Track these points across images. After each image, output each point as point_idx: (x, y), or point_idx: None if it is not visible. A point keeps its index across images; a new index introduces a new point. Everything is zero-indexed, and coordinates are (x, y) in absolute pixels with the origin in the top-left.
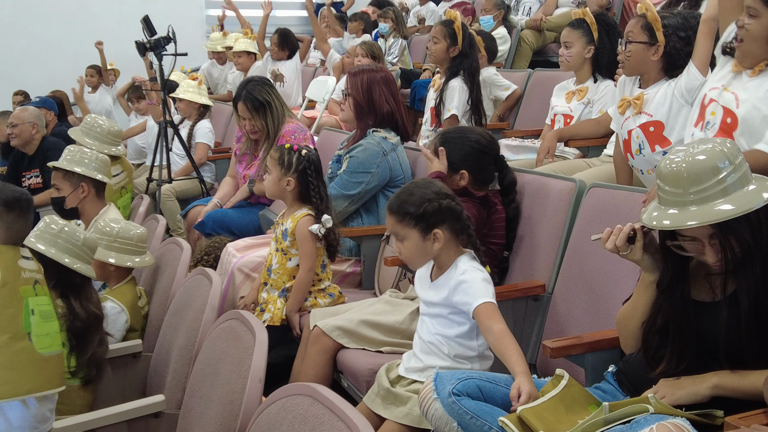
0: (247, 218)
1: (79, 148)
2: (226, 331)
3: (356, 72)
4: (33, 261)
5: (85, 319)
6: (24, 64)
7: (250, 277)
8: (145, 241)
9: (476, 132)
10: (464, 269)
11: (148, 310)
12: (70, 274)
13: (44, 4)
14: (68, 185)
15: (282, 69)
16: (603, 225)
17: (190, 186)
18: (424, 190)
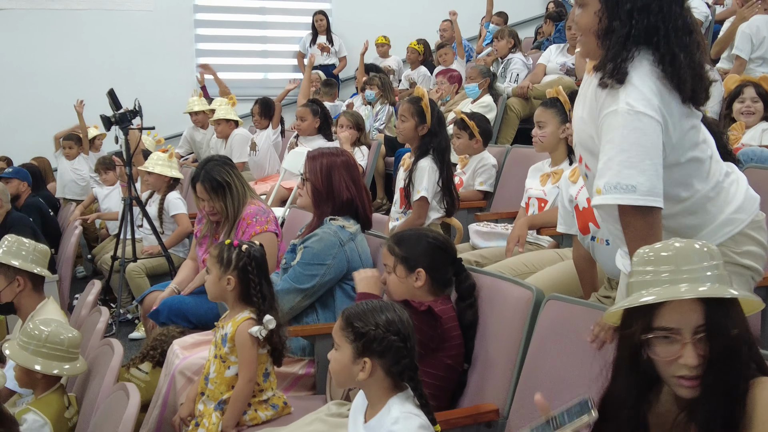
0: (205, 306)
1: (17, 239)
2: None
3: (315, 155)
4: None
5: None
6: (9, 128)
7: (192, 381)
8: (78, 346)
9: (433, 231)
10: (396, 417)
11: (76, 421)
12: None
13: (31, 67)
14: (3, 279)
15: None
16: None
17: (161, 262)
18: (385, 314)
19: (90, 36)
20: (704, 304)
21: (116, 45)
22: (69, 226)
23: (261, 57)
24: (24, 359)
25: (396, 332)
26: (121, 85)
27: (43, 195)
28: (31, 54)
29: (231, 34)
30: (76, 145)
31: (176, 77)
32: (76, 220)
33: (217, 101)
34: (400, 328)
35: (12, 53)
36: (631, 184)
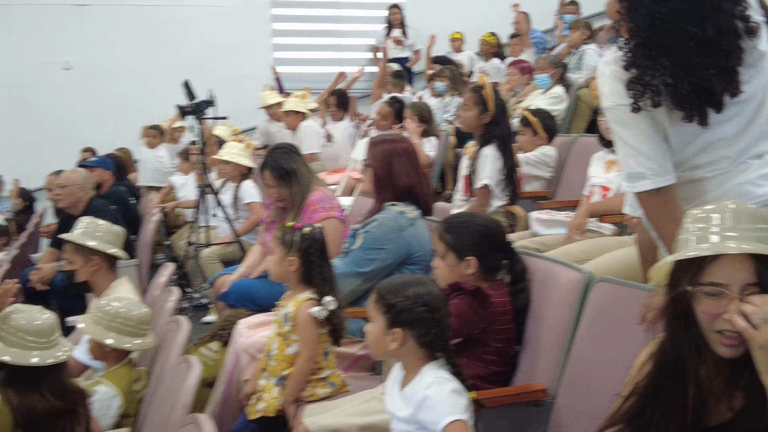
0: (272, 289)
1: (93, 220)
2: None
3: (377, 142)
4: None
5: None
6: (93, 121)
7: (255, 358)
8: (148, 323)
9: (482, 217)
10: (429, 381)
11: (144, 395)
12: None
13: (113, 63)
14: (79, 258)
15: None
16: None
17: (234, 249)
18: (415, 288)
19: (169, 31)
20: (756, 263)
21: (195, 40)
22: (148, 214)
23: (336, 51)
24: (97, 333)
25: (424, 303)
26: (199, 80)
27: (125, 184)
28: (114, 50)
29: (307, 28)
30: (158, 134)
31: (253, 71)
32: (154, 208)
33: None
34: (428, 299)
35: (95, 49)
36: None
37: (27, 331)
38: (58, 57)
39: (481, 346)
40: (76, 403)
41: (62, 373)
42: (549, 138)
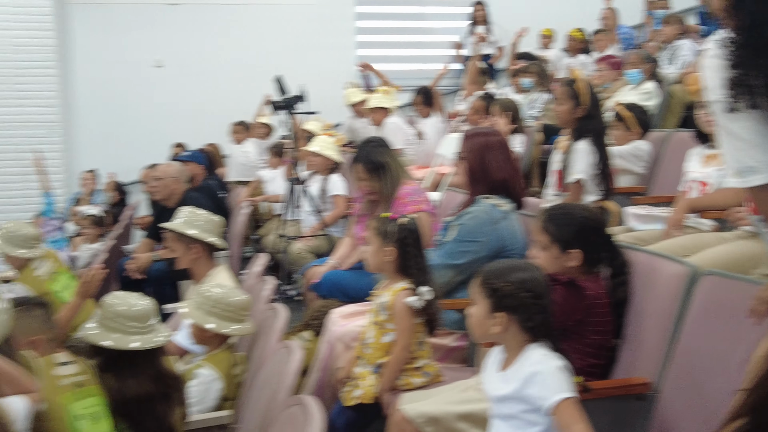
0: (363, 280)
1: (193, 210)
2: (289, 417)
3: (471, 134)
4: (72, 364)
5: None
6: (184, 117)
7: (349, 347)
8: (247, 309)
9: (584, 207)
10: (537, 359)
11: (243, 379)
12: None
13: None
14: (180, 246)
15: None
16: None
17: (322, 242)
18: (519, 273)
19: (257, 29)
20: None
21: (281, 38)
22: (237, 207)
23: (419, 48)
24: (199, 317)
25: (528, 289)
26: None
27: (214, 178)
28: (203, 47)
29: (390, 25)
30: (244, 130)
31: (338, 68)
32: (244, 201)
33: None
34: (533, 285)
35: (186, 47)
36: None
37: (126, 317)
38: (150, 55)
39: (577, 338)
40: (171, 388)
41: (158, 358)
42: (642, 133)
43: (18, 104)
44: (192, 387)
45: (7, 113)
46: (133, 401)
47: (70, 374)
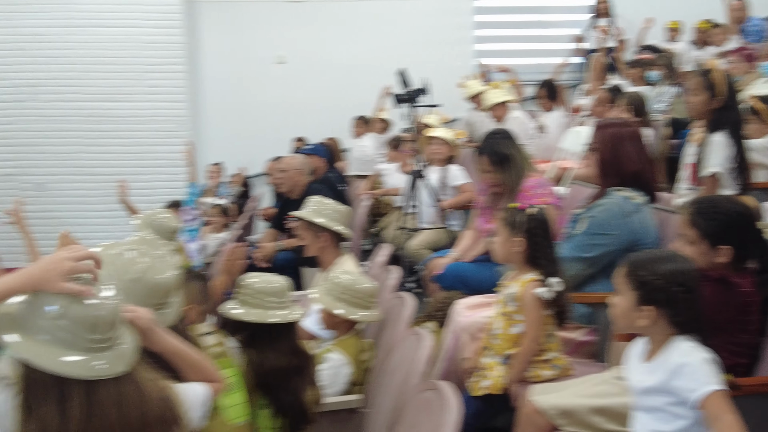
0: (485, 273)
1: (321, 200)
2: (423, 402)
3: (603, 125)
4: (214, 335)
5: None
6: (304, 112)
7: (475, 338)
8: (375, 296)
9: (733, 200)
10: (685, 350)
11: (371, 365)
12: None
13: (323, 56)
14: (309, 234)
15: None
16: None
17: (441, 236)
18: (669, 264)
19: (377, 25)
20: None
21: (401, 33)
22: (357, 200)
23: (540, 42)
24: (329, 303)
25: (680, 283)
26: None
27: (334, 172)
28: (324, 43)
29: (510, 20)
30: (363, 124)
31: (456, 63)
32: (364, 194)
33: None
34: (685, 279)
35: (307, 43)
36: None
37: (265, 292)
38: (273, 52)
39: (726, 336)
40: (305, 364)
41: (294, 333)
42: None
43: (149, 99)
44: (322, 371)
45: (139, 108)
46: (271, 373)
47: (210, 344)
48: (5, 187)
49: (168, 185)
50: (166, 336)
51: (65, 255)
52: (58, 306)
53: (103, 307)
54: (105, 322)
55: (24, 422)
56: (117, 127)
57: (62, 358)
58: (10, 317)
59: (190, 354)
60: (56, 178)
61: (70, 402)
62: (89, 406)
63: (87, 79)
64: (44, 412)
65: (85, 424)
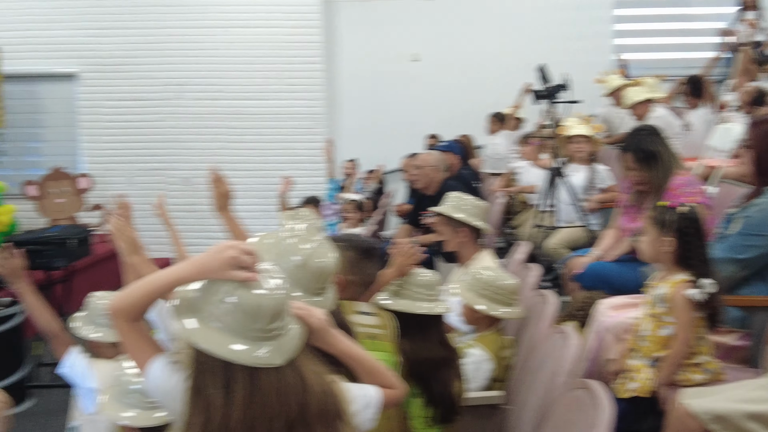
0: (629, 273)
1: (460, 195)
2: (573, 400)
3: (760, 122)
4: (374, 316)
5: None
6: (438, 109)
7: (620, 339)
8: (517, 293)
9: None
10: None
11: (512, 362)
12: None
13: (458, 55)
14: (448, 230)
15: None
16: None
17: (580, 235)
18: None
19: (512, 20)
20: None
21: (536, 28)
22: (491, 197)
23: (682, 35)
24: (470, 298)
25: None
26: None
27: (467, 169)
28: (459, 40)
29: (650, 13)
30: (498, 121)
31: (593, 58)
32: (498, 192)
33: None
34: None
35: (442, 40)
36: None
37: (415, 284)
38: (408, 49)
39: None
40: (454, 355)
41: (442, 326)
42: None
43: (287, 97)
44: (463, 365)
45: (278, 105)
46: (424, 363)
47: (366, 324)
48: (154, 181)
49: (306, 181)
50: (341, 337)
51: (230, 245)
52: (229, 295)
53: (271, 297)
54: (271, 312)
55: (192, 403)
56: (257, 124)
57: (230, 346)
58: (189, 302)
59: (365, 357)
60: (201, 173)
61: (234, 386)
62: (252, 392)
63: (230, 78)
64: (210, 394)
65: (246, 409)
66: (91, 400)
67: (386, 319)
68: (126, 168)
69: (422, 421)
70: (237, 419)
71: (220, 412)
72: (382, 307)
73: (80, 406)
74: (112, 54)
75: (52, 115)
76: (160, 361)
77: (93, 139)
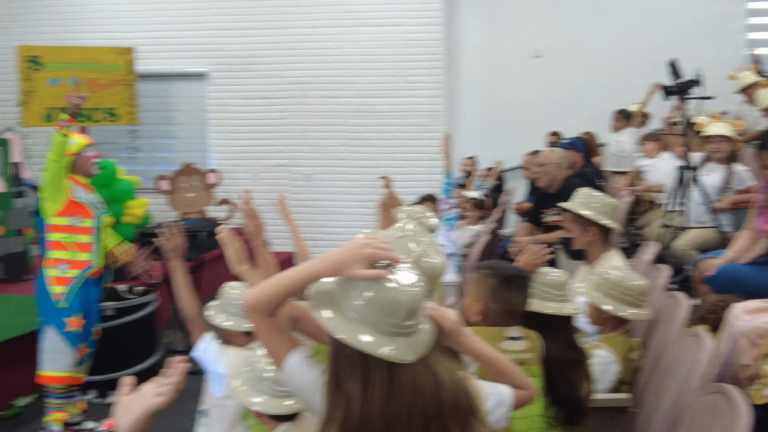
0: (764, 277)
1: (589, 191)
2: (708, 405)
3: None
4: (524, 340)
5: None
6: (559, 106)
7: (755, 344)
8: (646, 294)
9: None
10: None
11: (640, 364)
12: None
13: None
14: (577, 227)
15: None
16: None
17: (710, 236)
18: None
19: (638, 15)
20: None
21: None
22: (616, 196)
23: None
24: (597, 298)
25: None
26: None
27: (590, 167)
28: (582, 35)
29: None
30: (623, 119)
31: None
32: (624, 190)
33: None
34: None
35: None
36: None
37: (543, 283)
38: (530, 45)
39: None
40: (582, 357)
41: (571, 327)
42: None
43: (408, 95)
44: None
45: (398, 103)
46: (551, 364)
47: (516, 350)
48: (277, 177)
49: (424, 178)
50: (474, 337)
51: (367, 241)
52: (367, 289)
53: (408, 294)
54: (407, 308)
55: (331, 398)
56: (377, 122)
57: (363, 337)
58: (328, 294)
59: (498, 357)
60: (321, 170)
61: (373, 381)
62: (390, 387)
63: (352, 77)
64: (350, 389)
65: (385, 404)
66: (219, 386)
67: (534, 341)
68: (251, 164)
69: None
70: (376, 415)
71: (359, 406)
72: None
73: (210, 391)
74: (240, 54)
75: (183, 113)
76: (298, 355)
77: (221, 136)
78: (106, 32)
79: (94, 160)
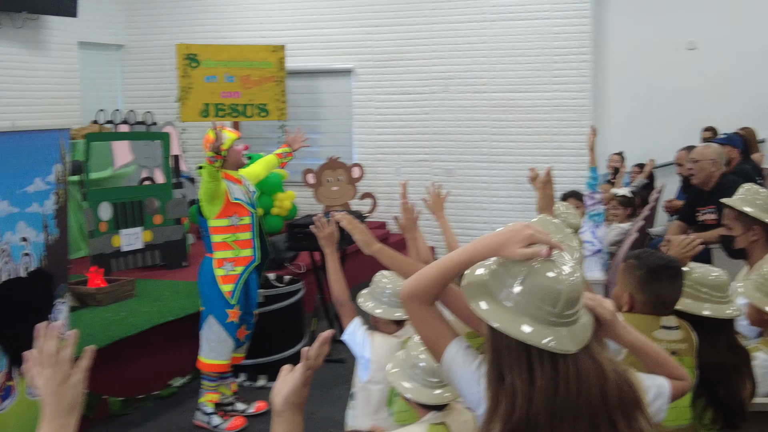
0: None
1: (755, 188)
2: None
3: None
4: (678, 330)
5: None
6: (714, 100)
7: None
8: None
9: None
10: None
11: None
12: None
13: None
14: (739, 225)
15: None
16: None
17: None
18: None
19: None
20: None
21: None
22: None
23: None
24: (758, 299)
25: None
26: None
27: (749, 164)
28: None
29: None
30: None
31: None
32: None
33: None
34: None
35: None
36: None
37: (702, 284)
38: (683, 38)
39: None
40: (743, 362)
41: (732, 329)
42: None
43: (552, 89)
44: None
45: (543, 97)
46: (710, 368)
47: (670, 339)
48: (419, 172)
49: (570, 174)
50: (630, 328)
51: (526, 224)
52: (525, 276)
53: (566, 283)
54: (566, 297)
55: (494, 391)
56: (521, 116)
57: (523, 327)
58: (481, 285)
59: (655, 348)
60: (463, 165)
61: (537, 372)
62: (554, 378)
63: (495, 71)
64: (513, 381)
65: (551, 395)
66: (365, 370)
67: (689, 331)
68: (394, 159)
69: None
70: (541, 409)
71: (525, 399)
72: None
73: (357, 375)
74: (384, 50)
75: (330, 108)
76: (457, 345)
77: (365, 131)
78: (259, 30)
79: (244, 152)
